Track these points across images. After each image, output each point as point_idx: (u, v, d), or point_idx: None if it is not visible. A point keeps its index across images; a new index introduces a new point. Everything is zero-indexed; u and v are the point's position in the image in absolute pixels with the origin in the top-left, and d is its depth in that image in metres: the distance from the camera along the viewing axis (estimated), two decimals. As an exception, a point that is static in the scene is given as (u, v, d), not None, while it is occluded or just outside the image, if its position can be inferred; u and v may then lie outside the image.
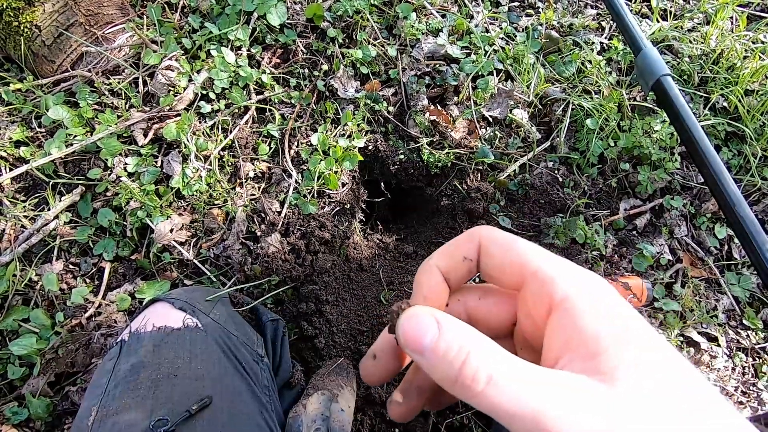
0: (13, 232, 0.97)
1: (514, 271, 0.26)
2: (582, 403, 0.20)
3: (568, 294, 0.24)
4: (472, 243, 0.28)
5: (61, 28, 1.07)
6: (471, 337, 0.22)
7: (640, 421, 0.20)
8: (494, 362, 0.21)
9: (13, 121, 1.07)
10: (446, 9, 1.24)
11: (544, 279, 0.25)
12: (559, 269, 0.25)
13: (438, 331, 0.22)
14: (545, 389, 0.21)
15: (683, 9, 1.31)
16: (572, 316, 0.23)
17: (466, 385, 0.21)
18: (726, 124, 1.14)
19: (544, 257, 0.26)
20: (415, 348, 0.23)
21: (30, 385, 0.88)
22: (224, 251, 0.98)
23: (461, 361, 0.21)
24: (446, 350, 0.22)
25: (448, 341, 0.22)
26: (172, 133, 1.01)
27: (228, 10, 1.13)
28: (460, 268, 0.29)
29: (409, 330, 0.23)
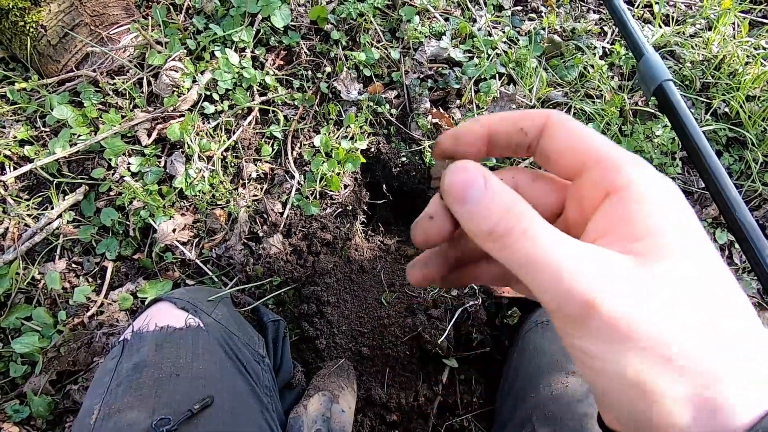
0: (16, 231, 0.98)
1: (576, 156, 0.25)
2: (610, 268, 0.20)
3: (631, 180, 0.23)
4: (536, 119, 0.26)
5: (66, 28, 1.07)
6: (514, 196, 0.23)
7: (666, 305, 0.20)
8: (532, 219, 0.22)
9: (17, 120, 1.08)
10: (449, 12, 1.24)
11: (609, 165, 0.23)
12: (630, 159, 0.24)
13: (484, 185, 0.23)
14: (577, 249, 0.21)
15: (685, 15, 1.32)
16: (628, 201, 0.22)
17: (500, 235, 0.21)
18: (727, 130, 1.15)
19: (614, 147, 0.24)
20: (458, 197, 0.23)
21: (32, 383, 0.88)
22: (226, 251, 0.99)
23: (501, 213, 0.22)
24: (489, 203, 0.22)
25: (492, 195, 0.22)
26: (176, 133, 1.02)
27: (232, 12, 1.14)
28: (510, 137, 0.27)
29: (456, 179, 0.23)
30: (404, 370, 0.92)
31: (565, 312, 0.21)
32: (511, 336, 0.93)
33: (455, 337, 0.93)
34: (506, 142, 0.27)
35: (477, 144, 0.28)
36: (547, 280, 0.20)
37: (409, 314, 0.94)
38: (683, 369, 0.19)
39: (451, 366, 0.92)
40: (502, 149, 0.28)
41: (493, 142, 0.27)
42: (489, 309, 0.94)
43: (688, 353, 0.19)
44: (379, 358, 0.92)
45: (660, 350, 0.19)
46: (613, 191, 0.23)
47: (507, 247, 0.21)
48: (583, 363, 0.22)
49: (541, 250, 0.21)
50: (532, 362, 0.76)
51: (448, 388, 0.94)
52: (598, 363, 0.21)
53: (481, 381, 0.95)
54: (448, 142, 0.28)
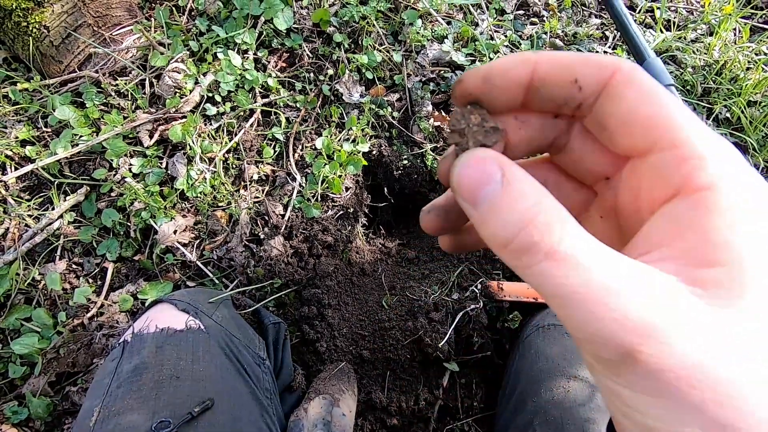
0: (17, 231, 0.98)
1: (647, 131, 0.19)
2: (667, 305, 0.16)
3: (716, 182, 0.17)
4: (599, 70, 0.19)
5: (69, 29, 1.07)
6: (540, 198, 0.18)
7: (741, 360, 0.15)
8: (563, 233, 0.17)
9: (19, 120, 1.08)
10: (452, 16, 1.25)
11: (689, 154, 0.18)
12: (719, 149, 0.18)
13: (501, 184, 0.18)
14: (620, 275, 0.16)
15: (687, 20, 1.32)
16: (707, 211, 0.17)
17: (519, 253, 0.17)
18: (729, 135, 1.15)
19: (701, 129, 0.18)
20: (468, 196, 0.18)
21: (30, 385, 0.88)
22: (227, 253, 0.98)
23: (523, 221, 0.17)
24: (508, 206, 0.18)
25: (513, 196, 0.18)
26: (178, 134, 1.02)
27: (235, 14, 1.14)
28: (558, 88, 0.20)
29: (466, 174, 0.18)
30: (405, 373, 0.92)
31: (600, 356, 0.17)
32: (512, 340, 0.93)
33: (456, 341, 0.92)
34: (551, 94, 0.21)
35: (513, 90, 0.21)
36: (578, 317, 0.16)
37: (410, 317, 0.94)
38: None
39: (451, 370, 0.92)
40: (544, 103, 0.22)
41: (535, 91, 0.21)
42: (490, 313, 0.93)
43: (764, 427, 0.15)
44: (380, 362, 0.92)
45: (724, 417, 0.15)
46: (686, 191, 0.18)
47: (528, 268, 0.17)
48: (612, 403, 0.18)
49: (573, 280, 0.16)
50: (534, 366, 0.76)
51: (448, 391, 0.94)
52: (635, 415, 0.17)
53: (481, 385, 0.95)
54: (476, 83, 0.21)
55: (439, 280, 1.00)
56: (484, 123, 0.21)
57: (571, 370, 0.71)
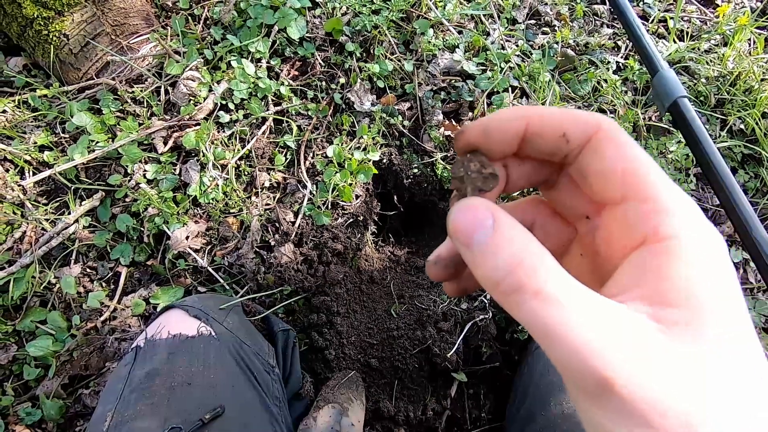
0: (33, 235, 1.00)
1: (621, 184, 0.21)
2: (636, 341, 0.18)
3: (679, 233, 0.20)
4: (584, 126, 0.22)
5: (88, 37, 1.10)
6: (526, 243, 0.20)
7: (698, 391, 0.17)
8: (548, 276, 0.19)
9: (38, 126, 1.10)
10: (463, 26, 1.25)
11: (656, 208, 0.20)
12: (682, 204, 0.20)
13: (492, 230, 0.20)
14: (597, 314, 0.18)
15: (700, 30, 1.31)
16: (670, 258, 0.19)
17: (508, 292, 0.19)
18: (743, 147, 1.14)
19: (667, 185, 0.21)
20: (463, 240, 0.21)
21: (44, 387, 0.89)
22: (238, 260, 0.99)
23: (511, 265, 0.19)
24: (496, 250, 0.20)
25: (501, 241, 0.20)
26: (192, 141, 1.04)
27: (249, 23, 1.16)
28: (548, 141, 0.23)
29: (461, 220, 0.21)
30: (413, 383, 0.92)
31: (581, 387, 0.18)
32: (521, 351, 0.92)
33: (464, 351, 0.92)
34: (542, 145, 0.23)
35: (509, 141, 0.24)
36: (561, 352, 0.18)
37: (419, 327, 0.94)
38: None
39: (460, 380, 0.92)
40: (535, 152, 0.24)
41: (528, 142, 0.24)
42: (499, 323, 0.93)
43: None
44: (388, 371, 0.92)
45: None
46: (652, 240, 0.20)
47: (517, 306, 0.19)
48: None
49: (557, 319, 0.18)
50: (543, 379, 0.75)
51: (456, 402, 0.93)
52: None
53: (490, 396, 0.95)
54: (475, 134, 0.24)
55: (448, 289, 1.00)
56: (482, 170, 0.23)
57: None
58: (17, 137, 1.07)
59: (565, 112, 0.23)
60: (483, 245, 0.20)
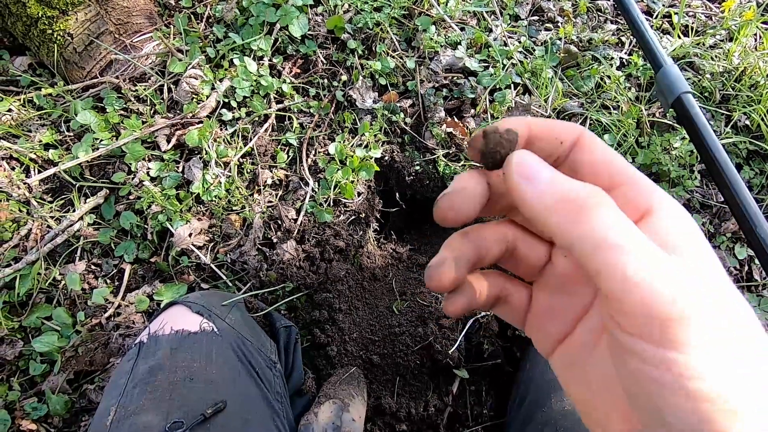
0: (39, 232, 1.01)
1: (610, 172, 0.26)
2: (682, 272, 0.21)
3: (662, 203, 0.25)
4: (572, 133, 0.27)
5: (92, 36, 1.11)
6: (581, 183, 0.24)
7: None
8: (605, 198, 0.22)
9: (43, 124, 1.11)
10: (465, 22, 1.25)
11: (644, 188, 0.25)
12: (654, 184, 0.26)
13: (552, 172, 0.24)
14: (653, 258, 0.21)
15: (705, 25, 1.30)
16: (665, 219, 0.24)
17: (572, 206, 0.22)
18: (748, 143, 1.13)
19: (638, 171, 0.26)
20: (526, 174, 0.24)
21: (50, 382, 0.90)
22: (241, 256, 1.00)
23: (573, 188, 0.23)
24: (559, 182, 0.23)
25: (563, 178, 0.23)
26: (194, 139, 1.04)
27: (251, 21, 1.16)
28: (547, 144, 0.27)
29: (527, 159, 0.24)
30: (414, 379, 0.92)
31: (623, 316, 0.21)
32: (522, 348, 0.92)
33: (466, 348, 0.92)
34: (541, 148, 0.27)
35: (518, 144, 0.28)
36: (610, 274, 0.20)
37: (421, 323, 0.94)
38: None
39: (461, 377, 0.92)
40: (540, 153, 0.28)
41: (530, 144, 0.27)
42: (501, 320, 0.93)
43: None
44: (390, 367, 0.92)
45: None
46: (649, 211, 0.25)
47: (577, 221, 0.22)
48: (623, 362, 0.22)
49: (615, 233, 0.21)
50: (544, 376, 0.75)
51: (458, 399, 0.93)
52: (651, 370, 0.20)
53: (491, 393, 0.95)
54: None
55: (449, 286, 1.00)
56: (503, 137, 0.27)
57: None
58: (23, 136, 1.08)
59: (556, 122, 0.28)
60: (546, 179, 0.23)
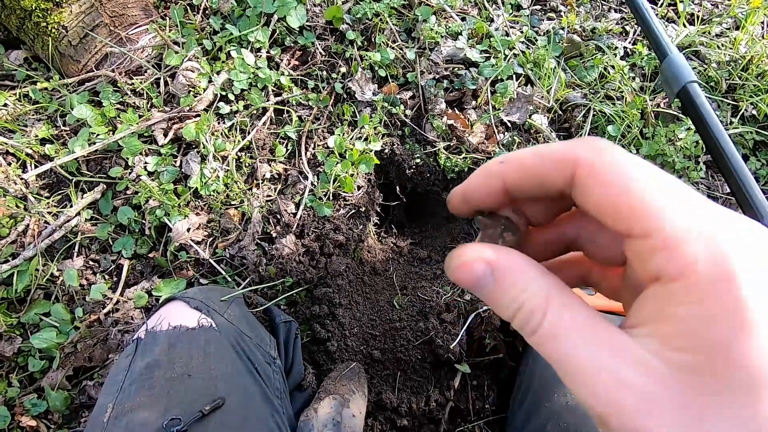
0: (36, 228, 1.00)
1: (619, 220, 0.19)
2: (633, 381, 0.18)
3: (691, 268, 0.17)
4: (560, 173, 0.21)
5: (86, 28, 1.09)
6: (526, 286, 0.21)
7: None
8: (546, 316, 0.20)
9: (39, 119, 1.10)
10: (466, 12, 1.23)
11: (662, 241, 0.18)
12: (687, 234, 0.17)
13: (493, 279, 0.21)
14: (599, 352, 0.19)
15: (711, 13, 1.28)
16: (680, 298, 0.18)
17: (518, 327, 0.21)
18: (755, 133, 1.11)
19: (671, 209, 0.18)
20: (472, 288, 0.22)
21: (49, 378, 0.90)
22: (239, 251, 0.99)
23: (514, 311, 0.21)
24: (499, 297, 0.21)
25: (502, 287, 0.21)
26: (192, 133, 1.03)
27: (248, 12, 1.14)
28: (533, 193, 0.23)
29: (461, 277, 0.22)
30: (416, 374, 0.91)
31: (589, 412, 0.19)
32: (524, 342, 0.91)
33: (468, 342, 0.91)
34: (529, 197, 0.23)
35: (492, 201, 0.24)
36: (566, 382, 0.19)
37: (422, 318, 0.93)
38: None
39: (463, 371, 0.91)
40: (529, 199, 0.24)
41: (513, 195, 0.24)
42: (503, 314, 0.92)
43: None
44: (391, 362, 0.92)
45: None
46: (663, 278, 0.18)
47: (526, 338, 0.21)
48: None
49: (557, 352, 0.19)
50: (547, 370, 0.74)
51: (459, 393, 0.93)
52: None
53: (493, 387, 0.94)
54: (457, 204, 0.25)
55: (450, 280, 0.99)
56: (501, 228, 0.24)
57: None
58: (19, 130, 1.07)
59: (537, 158, 0.22)
60: (490, 293, 0.21)
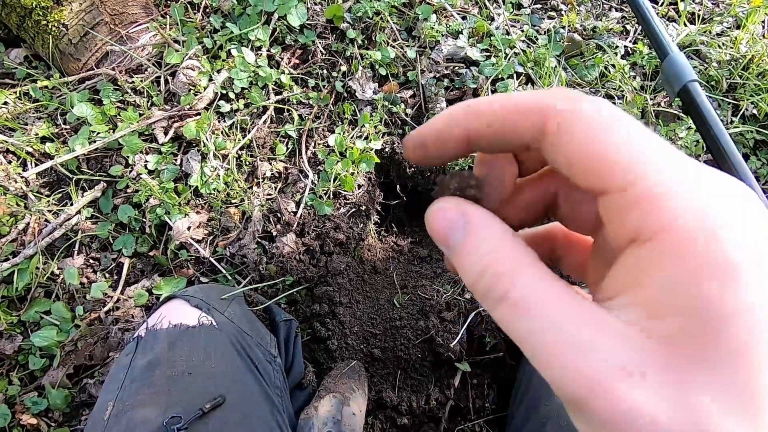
0: (37, 226, 1.00)
1: (594, 174, 0.17)
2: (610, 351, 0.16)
3: (666, 227, 0.16)
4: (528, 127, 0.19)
5: (87, 26, 1.09)
6: (499, 245, 0.19)
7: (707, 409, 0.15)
8: (514, 281, 0.18)
9: (39, 117, 1.10)
10: (467, 11, 1.23)
11: (638, 198, 0.16)
12: (669, 186, 0.16)
13: (464, 232, 0.19)
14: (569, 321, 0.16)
15: (712, 12, 1.27)
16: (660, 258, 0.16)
17: (481, 295, 0.19)
18: (755, 132, 1.11)
19: (650, 161, 0.16)
20: (441, 242, 0.20)
21: (50, 377, 0.90)
22: (240, 250, 0.99)
23: (481, 270, 0.18)
24: (470, 252, 0.19)
25: (473, 243, 0.19)
26: (192, 131, 1.03)
27: (249, 11, 1.14)
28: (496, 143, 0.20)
29: (434, 222, 0.20)
30: (416, 372, 0.92)
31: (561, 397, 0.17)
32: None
33: (468, 341, 0.91)
34: (493, 149, 0.21)
35: (450, 147, 0.21)
36: (534, 360, 0.17)
37: (422, 317, 0.93)
38: None
39: (463, 370, 0.91)
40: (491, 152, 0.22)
41: (475, 146, 0.21)
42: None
43: None
44: (391, 361, 0.92)
45: None
46: (641, 238, 0.16)
47: (490, 309, 0.18)
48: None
49: (523, 326, 0.17)
50: (547, 369, 0.74)
51: (460, 392, 0.93)
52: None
53: (493, 386, 0.94)
54: (414, 145, 0.22)
55: (451, 279, 0.99)
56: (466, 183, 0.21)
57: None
58: (19, 129, 1.07)
59: (505, 105, 0.19)
60: (458, 246, 0.20)
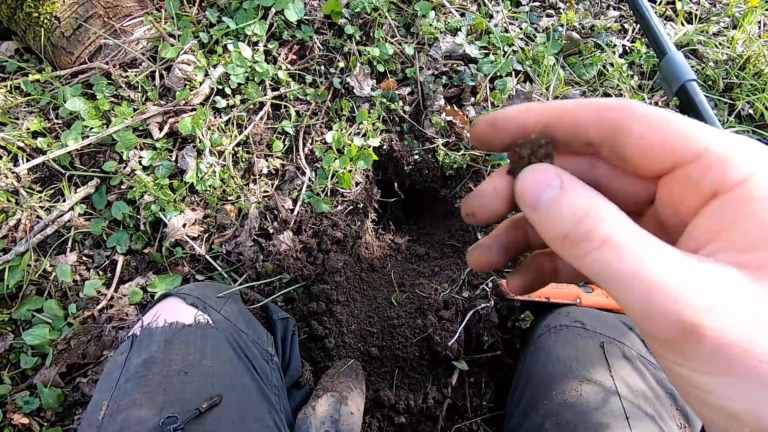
0: (28, 223, 0.98)
1: (665, 154, 0.20)
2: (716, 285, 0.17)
3: (748, 175, 0.18)
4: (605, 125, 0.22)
5: (80, 19, 1.07)
6: (594, 197, 0.20)
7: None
8: (615, 225, 0.19)
9: (31, 111, 1.08)
10: (465, 8, 1.22)
11: (715, 160, 0.19)
12: (743, 147, 0.19)
13: (559, 189, 0.21)
14: (673, 261, 0.17)
15: (709, 12, 1.28)
16: (743, 202, 0.18)
17: (576, 242, 0.19)
18: (751, 132, 1.11)
19: (717, 135, 0.20)
20: (530, 202, 0.21)
21: (42, 375, 0.89)
22: (236, 247, 0.98)
23: (579, 216, 0.19)
24: (564, 206, 0.20)
25: (569, 197, 0.20)
26: (188, 127, 1.01)
27: (246, 5, 1.13)
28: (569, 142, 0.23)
29: (529, 183, 0.21)
30: (413, 371, 0.91)
31: (662, 336, 0.17)
32: (523, 340, 0.91)
33: (466, 340, 0.91)
34: (563, 145, 0.23)
35: (523, 133, 0.24)
36: (636, 298, 0.17)
37: (420, 315, 0.93)
38: None
39: (461, 369, 0.91)
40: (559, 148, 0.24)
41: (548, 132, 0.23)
42: (501, 312, 0.92)
43: None
44: (389, 359, 0.91)
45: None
46: (722, 190, 0.19)
47: (586, 255, 0.19)
48: (685, 392, 0.19)
49: (627, 262, 0.18)
50: (545, 368, 0.74)
51: (457, 390, 0.93)
52: (701, 394, 0.17)
53: (491, 385, 0.94)
54: (485, 127, 0.24)
55: (449, 277, 0.99)
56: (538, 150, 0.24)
57: (584, 373, 0.69)
58: (10, 123, 1.05)
59: (578, 105, 0.22)
60: (551, 203, 0.20)
